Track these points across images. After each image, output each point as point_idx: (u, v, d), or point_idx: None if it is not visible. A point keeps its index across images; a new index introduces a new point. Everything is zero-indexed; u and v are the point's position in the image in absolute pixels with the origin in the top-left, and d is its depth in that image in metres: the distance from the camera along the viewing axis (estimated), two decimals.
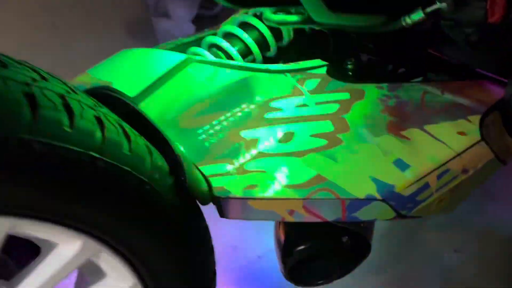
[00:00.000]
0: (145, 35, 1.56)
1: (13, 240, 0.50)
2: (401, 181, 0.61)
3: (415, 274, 1.00)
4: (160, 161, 0.54)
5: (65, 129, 0.44)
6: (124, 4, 1.61)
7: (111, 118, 0.51)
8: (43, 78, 0.50)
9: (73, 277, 0.65)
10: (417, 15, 0.64)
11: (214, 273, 0.66)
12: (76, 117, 0.46)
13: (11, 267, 0.60)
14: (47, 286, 0.51)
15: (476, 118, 0.69)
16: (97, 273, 0.56)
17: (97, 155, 0.46)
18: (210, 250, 0.64)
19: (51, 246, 0.51)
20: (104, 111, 0.52)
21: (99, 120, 0.48)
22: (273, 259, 0.95)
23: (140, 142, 0.52)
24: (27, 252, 0.59)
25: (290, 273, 0.68)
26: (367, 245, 0.69)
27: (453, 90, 0.75)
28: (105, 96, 0.67)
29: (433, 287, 0.97)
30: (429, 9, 0.62)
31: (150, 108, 0.65)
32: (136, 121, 0.63)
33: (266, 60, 0.87)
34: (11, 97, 0.42)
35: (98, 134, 0.47)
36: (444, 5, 0.60)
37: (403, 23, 0.66)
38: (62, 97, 0.47)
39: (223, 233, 1.11)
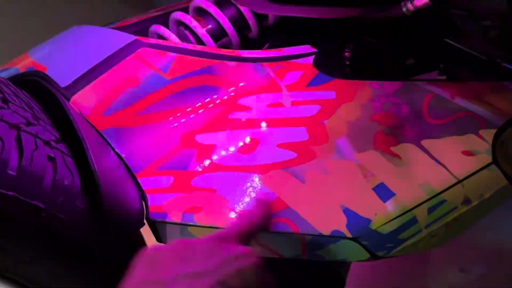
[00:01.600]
0: None
1: None
2: (380, 214, 0.49)
3: None
4: (67, 179, 0.43)
5: None
6: None
7: (4, 124, 0.41)
8: None
9: None
10: (421, 1, 0.49)
11: None
12: None
13: None
14: None
15: (490, 134, 0.55)
16: None
17: None
18: None
19: None
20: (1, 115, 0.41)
21: None
22: None
23: (38, 156, 0.41)
24: None
25: None
26: (340, 281, 0.57)
27: (467, 94, 0.60)
28: (37, 85, 0.56)
29: None
30: None
31: (84, 101, 0.54)
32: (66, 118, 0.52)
33: (249, 43, 0.74)
34: None
35: None
36: None
37: (404, 9, 0.51)
38: None
39: None
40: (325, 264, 0.56)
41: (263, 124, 0.57)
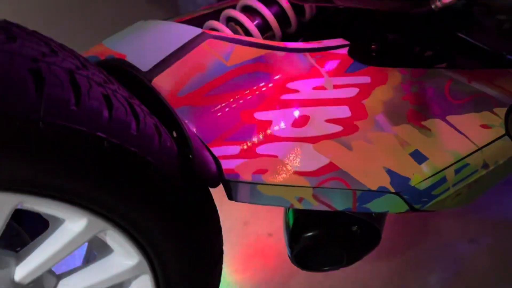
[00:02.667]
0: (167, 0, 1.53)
1: (26, 212, 0.51)
2: (417, 174, 0.59)
3: (427, 262, 0.98)
4: (169, 142, 0.53)
5: (71, 108, 0.43)
6: None
7: (120, 96, 0.50)
8: (53, 51, 0.49)
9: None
10: None
11: (221, 253, 0.66)
12: (83, 95, 0.45)
13: (24, 237, 0.61)
14: (53, 259, 0.52)
15: (502, 111, 0.66)
16: (104, 248, 0.57)
17: (103, 135, 0.45)
18: (218, 230, 0.63)
19: (58, 221, 0.51)
20: (114, 88, 0.51)
21: (107, 99, 0.47)
22: (283, 238, 0.94)
23: (149, 122, 0.51)
24: (40, 224, 0.59)
25: (297, 257, 0.68)
26: (377, 235, 0.67)
27: (481, 79, 0.71)
28: (119, 69, 0.65)
29: (445, 275, 0.96)
30: None
31: (163, 84, 0.64)
32: (148, 97, 0.62)
33: (286, 37, 0.84)
34: (17, 74, 0.41)
35: (105, 113, 0.46)
36: None
37: (433, 6, 0.62)
38: (70, 73, 0.46)
39: (235, 208, 1.11)
40: (364, 220, 0.66)
41: (311, 103, 0.67)
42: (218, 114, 0.65)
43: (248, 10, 0.79)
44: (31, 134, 0.41)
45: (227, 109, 0.66)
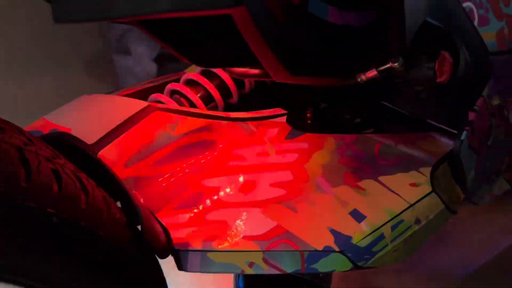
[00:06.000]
0: (105, 72, 1.55)
1: None
2: (358, 232, 0.62)
3: None
4: (117, 213, 0.53)
5: (21, 184, 0.43)
6: (83, 40, 1.60)
7: (68, 170, 0.50)
8: (0, 128, 0.49)
9: None
10: (371, 73, 0.67)
11: None
12: (33, 171, 0.45)
13: None
14: None
15: (427, 170, 0.73)
16: None
17: (52, 211, 0.45)
18: None
19: None
20: (62, 163, 0.51)
21: (56, 174, 0.47)
22: None
23: (97, 194, 0.51)
24: None
25: None
26: None
27: (406, 142, 0.78)
28: (63, 143, 0.65)
29: None
30: (382, 68, 0.66)
31: (109, 156, 0.65)
32: (94, 169, 0.62)
33: (228, 107, 0.88)
34: None
35: (55, 188, 0.46)
36: (396, 65, 0.64)
37: (358, 79, 0.69)
38: (19, 149, 0.46)
39: (180, 281, 1.08)
40: (313, 281, 0.68)
41: (256, 169, 0.70)
42: (166, 183, 0.66)
43: (192, 84, 0.83)
44: None
45: (174, 177, 0.67)
